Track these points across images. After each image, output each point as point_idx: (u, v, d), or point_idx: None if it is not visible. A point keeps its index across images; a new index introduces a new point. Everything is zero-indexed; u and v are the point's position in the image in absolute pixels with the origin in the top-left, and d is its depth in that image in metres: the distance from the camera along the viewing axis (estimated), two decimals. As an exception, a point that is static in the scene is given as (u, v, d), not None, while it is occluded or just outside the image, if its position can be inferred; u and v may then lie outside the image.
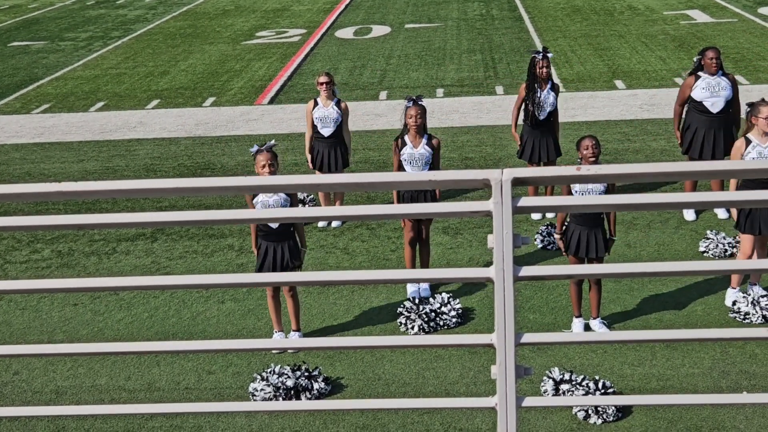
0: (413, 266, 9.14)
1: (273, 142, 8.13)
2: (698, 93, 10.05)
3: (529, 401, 2.27)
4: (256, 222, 2.42)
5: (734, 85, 10.06)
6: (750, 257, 8.43)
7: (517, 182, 2.03)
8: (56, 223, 2.29)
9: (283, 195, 7.95)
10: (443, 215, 2.17)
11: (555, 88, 10.45)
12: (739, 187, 8.29)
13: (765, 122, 8.25)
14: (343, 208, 2.20)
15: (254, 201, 8.10)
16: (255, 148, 7.96)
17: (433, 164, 8.96)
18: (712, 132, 10.01)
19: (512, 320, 2.10)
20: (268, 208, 8.08)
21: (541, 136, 10.52)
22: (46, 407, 2.55)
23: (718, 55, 10.02)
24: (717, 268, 2.34)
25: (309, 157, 10.69)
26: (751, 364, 7.50)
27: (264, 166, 7.78)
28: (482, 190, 11.12)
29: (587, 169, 2.01)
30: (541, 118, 10.41)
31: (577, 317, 8.18)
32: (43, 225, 2.30)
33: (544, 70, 10.28)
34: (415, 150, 8.79)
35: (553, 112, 10.49)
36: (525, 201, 2.09)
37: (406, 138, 8.83)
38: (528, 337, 2.22)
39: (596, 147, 7.87)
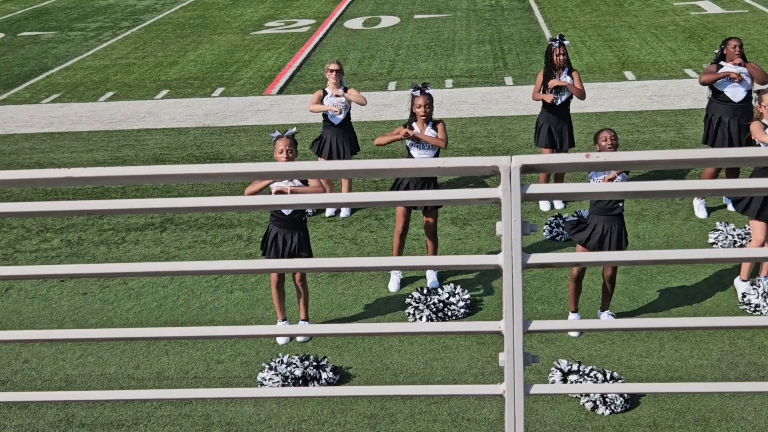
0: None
1: (294, 129, 8.13)
2: (721, 84, 10.03)
3: (536, 388, 2.27)
4: (266, 209, 2.42)
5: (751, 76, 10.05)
6: (762, 245, 8.39)
7: (525, 169, 2.03)
8: (66, 209, 2.29)
9: (298, 183, 7.96)
10: (452, 202, 2.17)
11: (572, 74, 10.43)
12: (750, 175, 8.27)
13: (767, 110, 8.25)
14: (352, 195, 2.20)
15: (271, 186, 8.09)
16: (276, 133, 7.97)
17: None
18: (736, 120, 9.98)
19: (520, 307, 2.10)
20: (281, 194, 8.06)
21: (557, 123, 10.49)
22: (55, 393, 2.56)
23: (741, 44, 10.01)
24: (726, 256, 2.33)
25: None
26: (760, 355, 7.49)
27: (282, 152, 7.79)
28: (491, 179, 11.13)
29: (596, 157, 2.01)
30: (559, 102, 10.41)
31: (573, 312, 8.13)
32: (54, 211, 2.31)
33: (561, 57, 10.28)
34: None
35: (572, 97, 10.44)
36: (534, 188, 2.09)
37: (414, 125, 8.85)
38: (536, 325, 2.22)
39: (614, 138, 7.87)
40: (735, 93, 9.98)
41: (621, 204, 7.89)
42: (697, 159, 1.96)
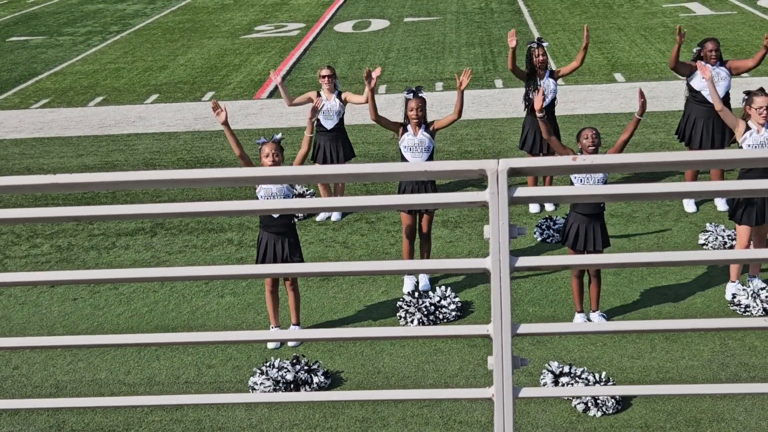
0: (411, 259, 9.15)
1: (280, 135, 8.12)
2: (697, 82, 10.07)
3: (525, 392, 2.27)
4: (257, 213, 2.42)
5: (732, 73, 10.08)
6: (747, 249, 8.42)
7: (513, 172, 2.03)
8: (56, 215, 2.29)
9: (287, 186, 7.96)
10: (440, 206, 2.17)
11: (553, 75, 10.49)
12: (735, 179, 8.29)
13: (757, 113, 8.24)
14: (341, 199, 2.21)
15: (257, 190, 8.09)
16: (261, 139, 7.97)
17: (433, 151, 8.94)
18: (711, 122, 10.02)
19: (508, 310, 2.10)
20: (271, 198, 8.06)
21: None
22: (46, 400, 2.56)
23: (718, 47, 10.03)
24: (716, 258, 2.34)
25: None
26: (751, 356, 7.51)
27: (267, 155, 7.78)
28: (482, 182, 11.14)
29: (583, 159, 2.01)
30: (543, 105, 10.43)
31: (578, 312, 8.18)
32: (43, 217, 2.30)
33: (541, 58, 10.37)
34: (414, 137, 8.81)
35: (555, 100, 10.53)
36: (521, 191, 2.09)
37: (408, 128, 8.86)
38: (524, 328, 2.22)
39: (596, 137, 7.88)
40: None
41: (601, 204, 7.95)
42: (682, 161, 1.96)
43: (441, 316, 8.33)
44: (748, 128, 8.33)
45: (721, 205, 10.41)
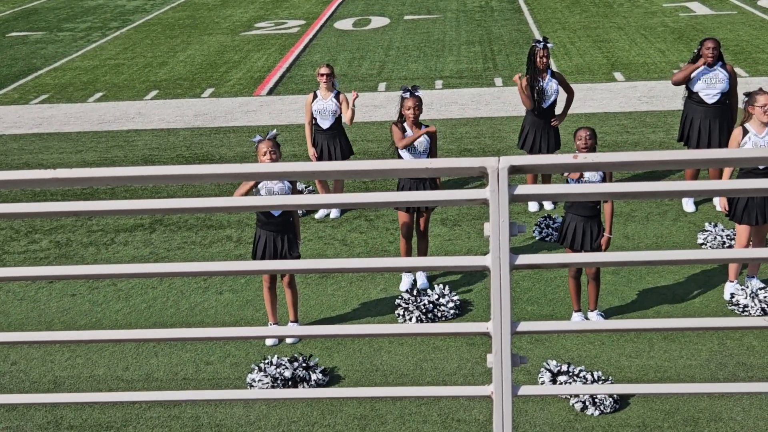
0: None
1: (275, 131, 8.12)
2: (694, 83, 10.08)
3: (524, 389, 2.27)
4: (255, 209, 2.41)
5: (732, 76, 10.06)
6: (746, 248, 8.43)
7: (513, 170, 2.03)
8: (55, 210, 2.29)
9: (287, 183, 7.96)
10: (439, 203, 2.17)
11: (555, 76, 10.45)
12: (735, 179, 8.27)
13: (761, 111, 8.22)
14: (340, 196, 2.20)
15: (258, 187, 8.08)
16: (257, 137, 7.96)
17: (431, 153, 8.96)
18: (708, 122, 10.04)
19: (508, 308, 2.10)
20: (271, 195, 8.06)
21: (543, 126, 10.52)
22: (44, 395, 2.55)
23: (717, 46, 10.03)
24: (715, 257, 2.34)
25: (312, 150, 10.63)
26: (749, 355, 7.51)
27: (265, 154, 7.77)
28: (481, 181, 11.13)
29: (584, 157, 2.01)
30: (545, 106, 10.43)
31: (576, 311, 8.18)
32: (42, 212, 2.30)
33: (544, 59, 10.29)
34: None
35: (557, 101, 10.51)
36: (522, 189, 2.09)
37: (405, 125, 8.86)
38: (524, 326, 2.22)
39: (590, 138, 7.87)
40: (708, 94, 10.03)
41: (597, 205, 7.95)
42: (682, 160, 1.96)
43: (439, 315, 8.34)
44: (746, 132, 8.29)
45: (718, 205, 10.41)
